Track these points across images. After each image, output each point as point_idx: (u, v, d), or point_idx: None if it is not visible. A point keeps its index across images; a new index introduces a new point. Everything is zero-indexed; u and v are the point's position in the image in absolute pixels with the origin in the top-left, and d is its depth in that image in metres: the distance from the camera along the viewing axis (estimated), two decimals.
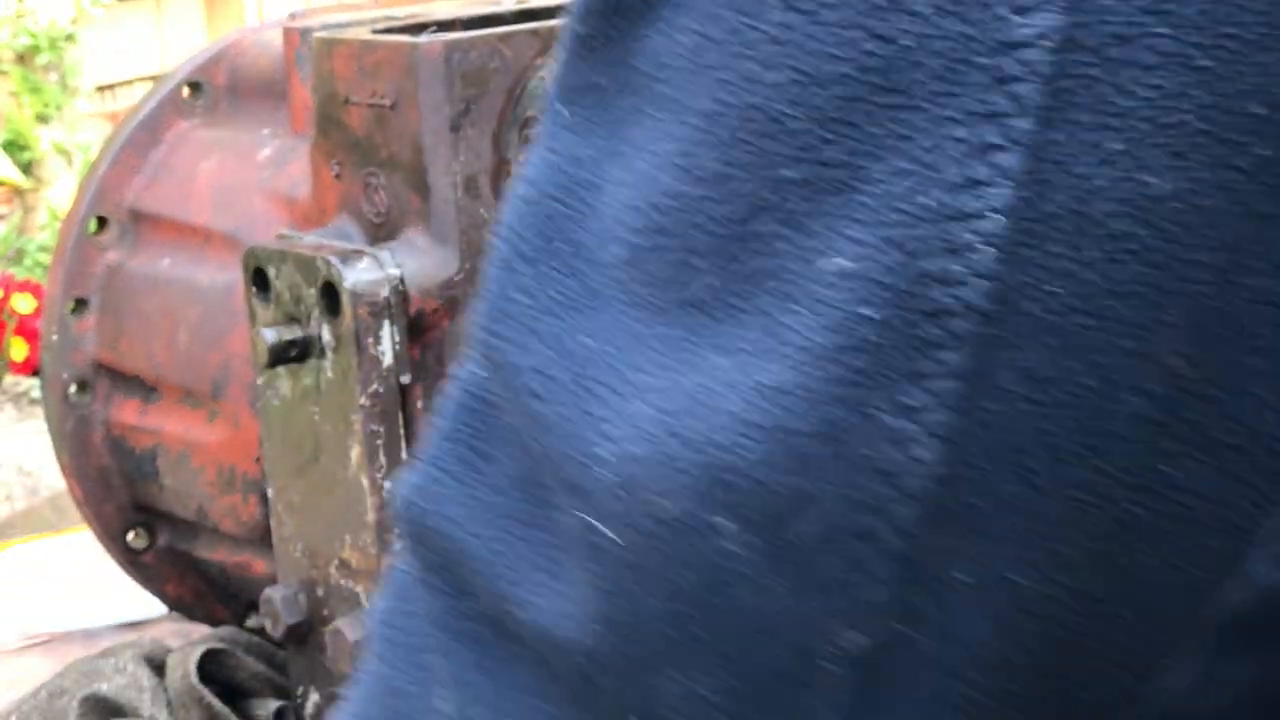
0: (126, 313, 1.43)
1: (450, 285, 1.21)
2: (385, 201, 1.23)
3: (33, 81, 4.52)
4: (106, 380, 1.45)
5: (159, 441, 1.42)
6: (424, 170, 1.20)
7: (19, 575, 1.79)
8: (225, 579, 1.46)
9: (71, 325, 1.46)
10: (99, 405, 1.46)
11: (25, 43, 4.53)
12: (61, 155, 4.49)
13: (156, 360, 1.41)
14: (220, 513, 1.38)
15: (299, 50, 1.35)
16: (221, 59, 1.46)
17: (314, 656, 1.27)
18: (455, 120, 1.19)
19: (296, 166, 1.35)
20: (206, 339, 1.37)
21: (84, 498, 1.47)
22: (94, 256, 1.46)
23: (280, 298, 1.22)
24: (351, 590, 1.22)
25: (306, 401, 1.22)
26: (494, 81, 1.20)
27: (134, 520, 1.48)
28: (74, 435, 1.46)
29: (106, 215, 1.46)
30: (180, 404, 1.40)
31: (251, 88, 1.44)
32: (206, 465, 1.38)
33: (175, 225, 1.43)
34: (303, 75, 1.35)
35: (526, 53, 1.21)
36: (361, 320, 1.18)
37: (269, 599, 1.27)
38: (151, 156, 1.46)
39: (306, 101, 1.33)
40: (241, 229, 1.37)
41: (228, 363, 1.35)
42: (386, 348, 1.19)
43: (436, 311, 1.21)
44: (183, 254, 1.42)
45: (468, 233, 1.21)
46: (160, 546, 1.48)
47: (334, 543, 1.23)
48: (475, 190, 1.21)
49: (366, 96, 1.22)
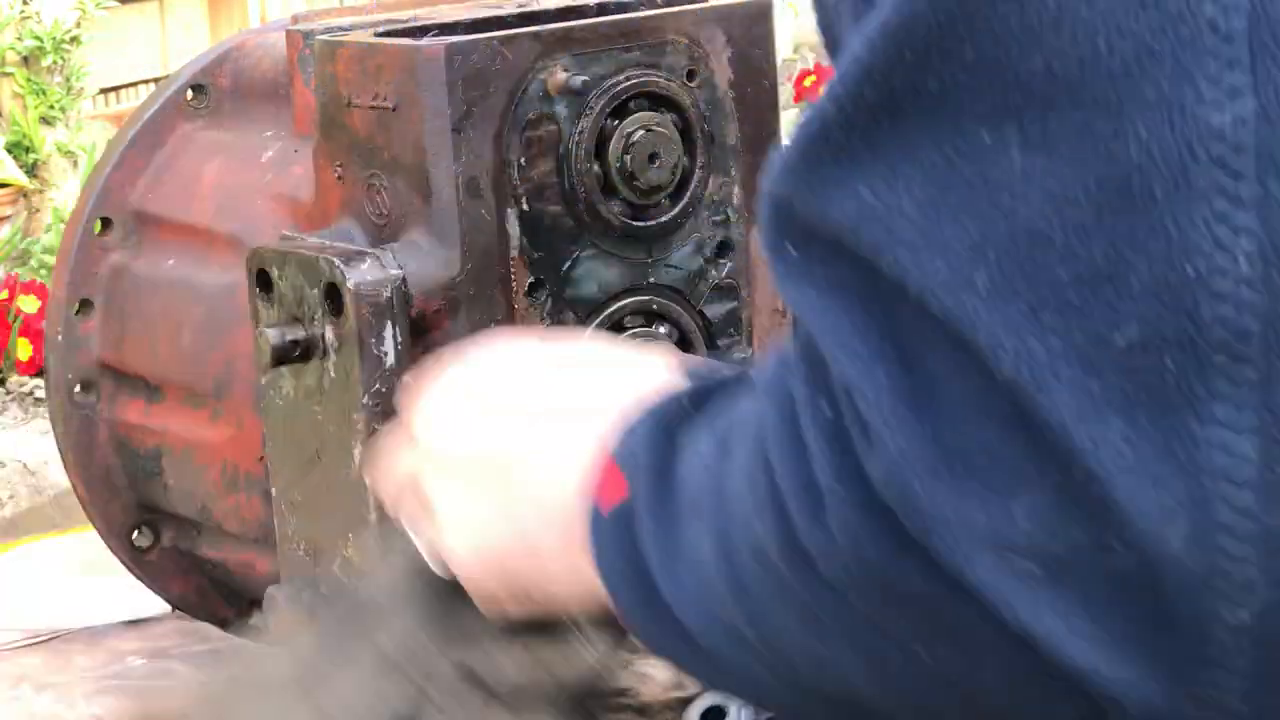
0: (130, 313, 1.44)
1: (452, 286, 1.22)
2: (387, 203, 1.24)
3: (37, 83, 4.53)
4: (110, 380, 1.46)
5: (163, 441, 1.43)
6: (426, 172, 1.21)
7: (23, 573, 1.79)
8: (228, 577, 1.47)
9: (76, 326, 1.46)
10: (103, 405, 1.46)
11: (30, 45, 4.54)
12: (66, 157, 4.49)
13: (160, 360, 1.41)
14: (224, 512, 1.39)
15: (302, 53, 1.36)
16: (225, 62, 1.47)
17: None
18: (457, 122, 1.20)
19: (299, 168, 1.36)
20: (210, 339, 1.38)
21: (88, 497, 1.48)
22: (98, 258, 1.46)
23: (283, 298, 1.23)
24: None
25: (309, 401, 1.23)
26: (495, 84, 1.21)
27: (138, 519, 1.48)
28: (78, 435, 1.46)
29: (111, 217, 1.47)
30: (184, 404, 1.40)
31: (254, 90, 1.45)
32: (210, 465, 1.39)
33: (179, 226, 1.43)
34: (305, 78, 1.36)
35: (528, 55, 1.22)
36: (364, 320, 1.18)
37: (272, 597, 1.28)
38: (155, 158, 1.47)
39: (309, 104, 1.34)
40: (245, 230, 1.38)
41: (231, 363, 1.36)
42: (389, 348, 1.19)
43: (438, 312, 1.22)
44: (186, 255, 1.42)
45: (469, 234, 1.22)
46: (164, 545, 1.49)
47: (336, 541, 1.23)
48: (477, 191, 1.21)
49: (369, 99, 1.23)
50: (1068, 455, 0.63)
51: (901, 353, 0.66)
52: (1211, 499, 0.62)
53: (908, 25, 0.64)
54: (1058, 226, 0.63)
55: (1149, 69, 0.61)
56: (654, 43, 1.26)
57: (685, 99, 1.27)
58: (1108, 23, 0.61)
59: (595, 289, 1.26)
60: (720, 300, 1.31)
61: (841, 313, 0.67)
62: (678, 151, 1.27)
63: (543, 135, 1.23)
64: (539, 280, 1.24)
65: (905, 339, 0.66)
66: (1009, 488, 0.64)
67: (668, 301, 1.29)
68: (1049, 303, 0.63)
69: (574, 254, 1.25)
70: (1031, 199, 0.63)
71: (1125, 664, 0.64)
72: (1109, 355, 0.62)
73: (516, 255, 1.23)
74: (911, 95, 0.64)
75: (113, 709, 1.51)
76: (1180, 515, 0.62)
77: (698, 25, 1.27)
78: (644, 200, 1.26)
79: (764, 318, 1.34)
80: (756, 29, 1.30)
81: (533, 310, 1.24)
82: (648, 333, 1.29)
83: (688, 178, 1.28)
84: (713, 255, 1.31)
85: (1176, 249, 0.61)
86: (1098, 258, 0.62)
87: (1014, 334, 0.63)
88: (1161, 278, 0.61)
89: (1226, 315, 0.61)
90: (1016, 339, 0.63)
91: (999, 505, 0.64)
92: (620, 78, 1.24)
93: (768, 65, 1.31)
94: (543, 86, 1.22)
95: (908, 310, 0.66)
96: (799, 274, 0.69)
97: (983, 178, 0.64)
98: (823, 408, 0.69)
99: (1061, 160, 0.62)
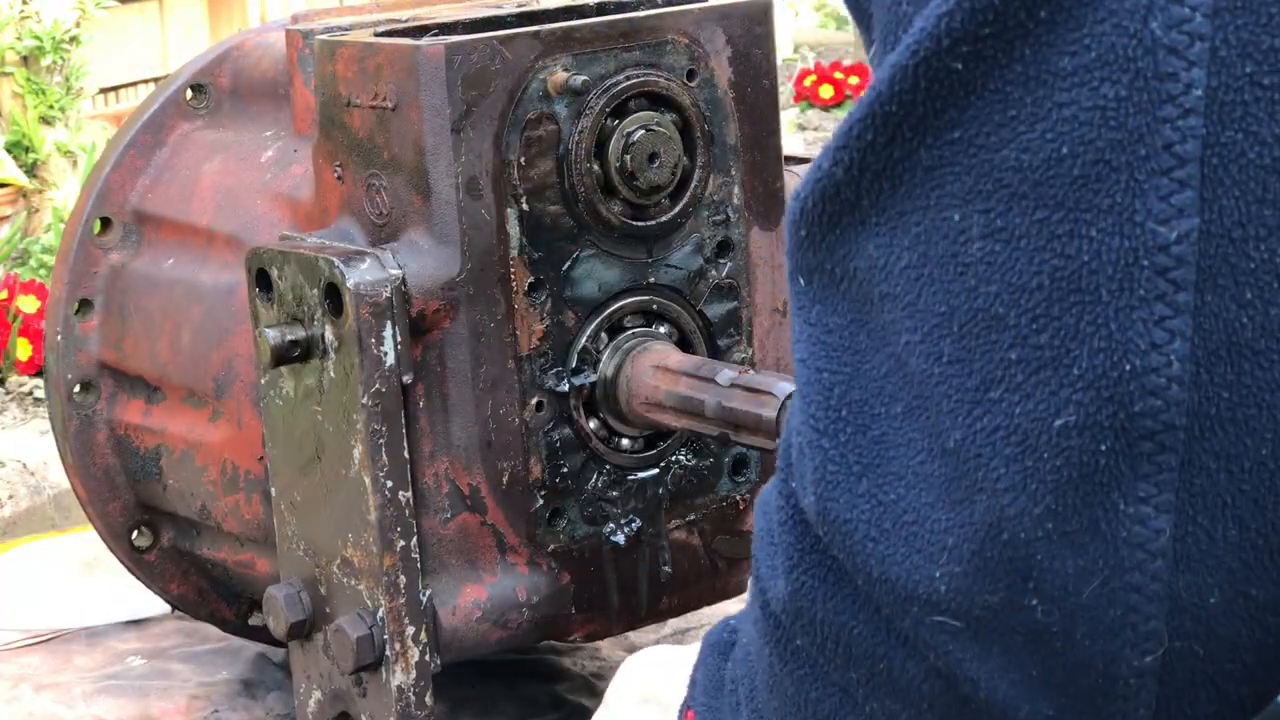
0: (130, 313, 1.44)
1: (452, 286, 1.22)
2: (387, 202, 1.23)
3: (37, 83, 4.52)
4: (110, 380, 1.46)
5: (162, 441, 1.42)
6: (425, 171, 1.21)
7: (23, 573, 1.79)
8: (228, 577, 1.47)
9: (75, 326, 1.46)
10: (103, 405, 1.46)
11: (29, 44, 4.53)
12: (65, 157, 4.49)
13: (160, 360, 1.41)
14: (223, 512, 1.39)
15: (301, 52, 1.36)
16: (224, 61, 1.47)
17: (315, 654, 1.27)
18: (456, 122, 1.20)
19: (299, 168, 1.36)
20: (209, 339, 1.37)
21: (88, 497, 1.48)
22: (98, 257, 1.46)
23: (283, 298, 1.23)
24: (353, 588, 1.23)
25: (309, 401, 1.23)
26: (495, 83, 1.21)
27: (137, 519, 1.48)
28: (78, 435, 1.46)
29: (110, 216, 1.47)
30: (183, 404, 1.40)
31: (254, 90, 1.45)
32: (209, 465, 1.39)
33: (178, 226, 1.43)
34: (305, 77, 1.36)
35: (527, 55, 1.22)
36: (364, 320, 1.18)
37: (271, 597, 1.28)
38: (155, 158, 1.47)
39: (309, 103, 1.34)
40: (244, 230, 1.38)
41: (231, 363, 1.36)
42: (389, 348, 1.19)
43: (438, 312, 1.22)
44: (186, 255, 1.42)
45: (469, 233, 1.22)
46: (163, 545, 1.49)
47: (336, 541, 1.23)
48: (476, 191, 1.21)
49: (368, 99, 1.23)
50: (997, 525, 0.70)
51: (858, 412, 0.73)
52: (1126, 564, 0.69)
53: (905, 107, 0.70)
54: (1013, 311, 0.69)
55: (1105, 179, 0.67)
56: (654, 42, 1.26)
57: (685, 99, 1.27)
58: (1074, 130, 0.67)
59: (595, 289, 1.26)
60: (720, 300, 1.31)
61: (822, 359, 0.75)
62: (678, 151, 1.26)
63: (543, 135, 1.23)
64: (539, 280, 1.24)
65: (866, 401, 0.73)
66: (933, 553, 0.71)
67: (668, 301, 1.29)
68: (999, 380, 0.69)
69: (574, 254, 1.25)
70: (992, 282, 0.69)
71: (1044, 701, 0.72)
72: (1046, 436, 0.69)
73: (516, 255, 1.23)
74: (908, 166, 0.70)
75: (112, 709, 1.51)
76: (1096, 576, 0.69)
77: (698, 25, 1.27)
78: (644, 200, 1.26)
79: (764, 318, 1.34)
80: (756, 29, 1.30)
81: (532, 310, 1.24)
82: (648, 333, 1.29)
83: (688, 177, 1.28)
84: (713, 255, 1.31)
85: (1116, 345, 0.67)
86: (1044, 344, 0.68)
87: (964, 407, 0.70)
88: (1100, 369, 0.68)
89: (1156, 408, 0.67)
90: (965, 412, 0.70)
91: (925, 568, 0.71)
92: (620, 77, 1.24)
93: (768, 65, 1.31)
94: (543, 86, 1.22)
95: (878, 366, 0.73)
96: (800, 306, 0.76)
97: (952, 255, 0.70)
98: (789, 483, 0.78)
99: (1020, 251, 0.68)
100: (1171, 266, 0.67)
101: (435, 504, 1.24)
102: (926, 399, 0.71)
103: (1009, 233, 0.68)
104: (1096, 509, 0.69)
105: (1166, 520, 0.69)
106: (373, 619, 1.22)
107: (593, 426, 1.28)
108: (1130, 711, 0.72)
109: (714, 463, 1.33)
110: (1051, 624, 0.71)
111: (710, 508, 1.34)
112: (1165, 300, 0.67)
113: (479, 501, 1.25)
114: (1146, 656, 0.71)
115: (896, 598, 0.73)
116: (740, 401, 1.20)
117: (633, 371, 1.27)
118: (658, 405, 1.25)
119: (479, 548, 1.26)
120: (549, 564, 1.28)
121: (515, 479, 1.26)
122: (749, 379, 1.21)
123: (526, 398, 1.25)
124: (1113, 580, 0.69)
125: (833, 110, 5.93)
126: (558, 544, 1.28)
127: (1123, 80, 0.66)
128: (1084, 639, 0.71)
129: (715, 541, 1.34)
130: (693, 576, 1.34)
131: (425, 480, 1.23)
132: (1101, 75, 0.66)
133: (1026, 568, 0.70)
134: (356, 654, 1.21)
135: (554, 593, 1.28)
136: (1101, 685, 0.72)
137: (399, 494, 1.21)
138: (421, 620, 1.22)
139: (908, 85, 0.69)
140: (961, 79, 0.68)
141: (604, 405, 1.28)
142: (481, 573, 1.26)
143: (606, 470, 1.29)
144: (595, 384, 1.27)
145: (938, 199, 0.70)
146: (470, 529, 1.25)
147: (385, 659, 1.22)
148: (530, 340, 1.25)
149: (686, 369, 1.24)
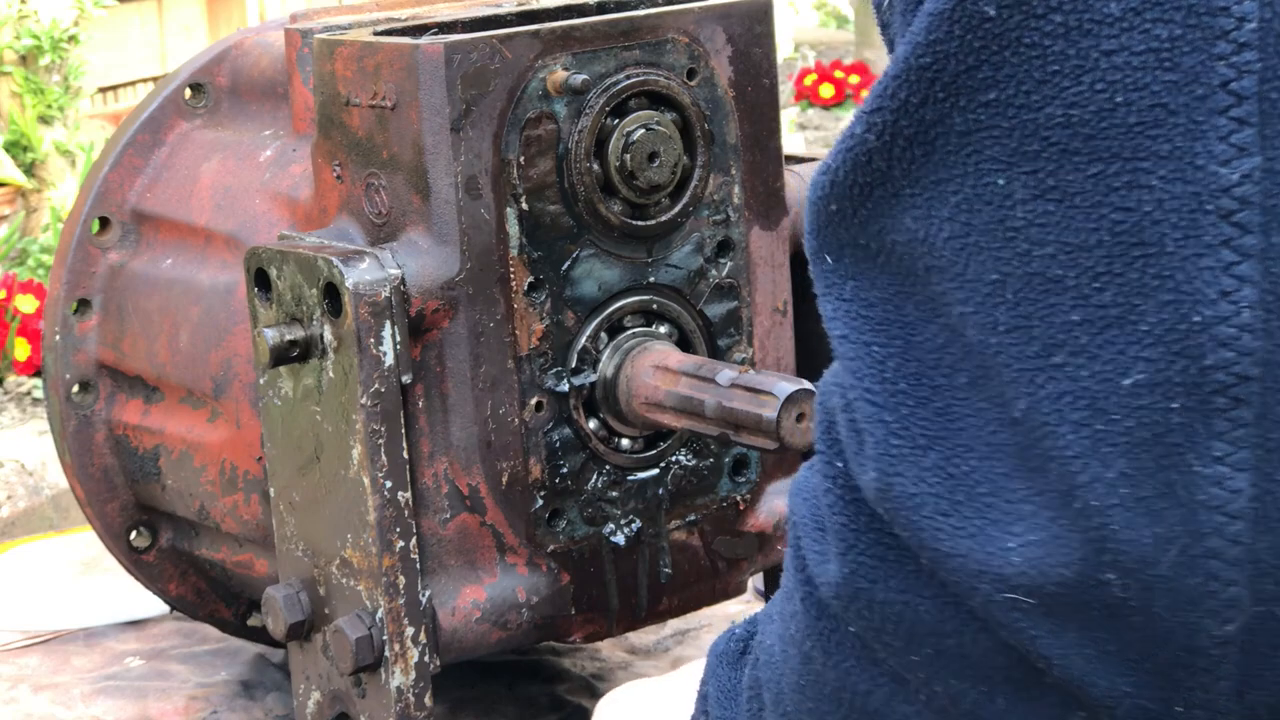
0: (128, 313, 1.44)
1: (451, 285, 1.22)
2: (386, 202, 1.23)
3: (35, 82, 4.52)
4: (109, 380, 1.46)
5: (161, 441, 1.42)
6: (425, 171, 1.20)
7: (21, 574, 1.79)
8: (227, 578, 1.46)
9: (74, 326, 1.46)
10: (101, 405, 1.46)
11: (28, 44, 4.53)
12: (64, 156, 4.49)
13: (158, 360, 1.41)
14: (222, 512, 1.39)
15: (300, 51, 1.36)
16: (223, 60, 1.47)
17: (314, 655, 1.27)
18: (456, 121, 1.20)
19: (298, 167, 1.36)
20: (208, 339, 1.37)
21: (86, 497, 1.47)
22: (96, 257, 1.46)
23: (282, 298, 1.23)
24: (352, 589, 1.22)
25: (308, 401, 1.23)
26: (494, 82, 1.21)
27: (136, 520, 1.48)
28: (76, 435, 1.46)
29: (109, 216, 1.46)
30: (182, 404, 1.40)
31: (253, 89, 1.45)
32: (208, 465, 1.38)
33: (177, 226, 1.43)
34: (304, 76, 1.35)
35: (527, 54, 1.22)
36: (363, 320, 1.18)
37: (270, 598, 1.27)
38: (153, 157, 1.47)
39: (308, 102, 1.34)
40: (243, 229, 1.37)
41: (229, 363, 1.36)
42: (388, 348, 1.19)
43: (437, 311, 1.22)
44: (184, 254, 1.42)
45: (468, 233, 1.21)
46: (162, 546, 1.48)
47: (335, 542, 1.23)
48: (476, 190, 1.21)
49: (368, 98, 1.23)
50: (1068, 494, 0.68)
51: (917, 384, 0.71)
52: (1204, 528, 0.67)
53: (940, 60, 0.68)
54: (1071, 272, 0.67)
55: (1163, 124, 0.65)
56: (654, 41, 1.25)
57: (685, 98, 1.26)
58: (1126, 77, 0.65)
59: (595, 289, 1.26)
60: (720, 300, 1.31)
61: (868, 333, 0.72)
62: (678, 150, 1.26)
63: (542, 134, 1.22)
64: (538, 280, 1.24)
65: (924, 373, 0.71)
66: (1008, 524, 0.69)
67: (668, 301, 1.29)
68: (1062, 345, 0.67)
69: (574, 253, 1.25)
70: (1046, 244, 0.67)
71: (1121, 677, 0.70)
72: (1116, 397, 0.66)
73: (516, 255, 1.23)
74: (942, 131, 0.69)
75: (110, 710, 1.51)
76: (1174, 544, 0.67)
77: (698, 24, 1.27)
78: (644, 199, 1.26)
79: (764, 318, 1.34)
80: (756, 28, 1.30)
81: (532, 310, 1.24)
82: (648, 332, 1.28)
83: (688, 177, 1.28)
84: (713, 255, 1.30)
85: (1184, 296, 0.65)
86: (1108, 303, 0.66)
87: (1026, 375, 0.68)
88: (1168, 324, 0.66)
89: (1229, 360, 0.65)
90: (1028, 380, 0.68)
91: (998, 540, 0.69)
92: (620, 76, 1.24)
93: (768, 64, 1.31)
94: (542, 85, 1.22)
95: (933, 338, 0.71)
96: (830, 284, 0.74)
97: (999, 221, 0.68)
98: (835, 463, 0.75)
99: (1075, 209, 0.66)
100: (1236, 209, 0.65)
101: (434, 504, 1.24)
102: (988, 369, 0.69)
103: (1061, 191, 0.66)
104: (1171, 471, 0.67)
105: (1245, 479, 0.66)
106: (372, 620, 1.21)
107: (592, 427, 1.28)
108: (1212, 684, 0.70)
109: (714, 463, 1.33)
110: (1130, 597, 0.68)
111: (710, 508, 1.33)
112: (1231, 245, 0.65)
113: (478, 502, 1.25)
114: (1228, 625, 0.68)
115: (966, 573, 0.71)
116: (740, 402, 1.20)
117: (633, 371, 1.26)
118: (658, 405, 1.25)
119: (478, 548, 1.26)
120: (549, 564, 1.28)
121: (515, 479, 1.25)
122: (749, 379, 1.20)
123: (526, 398, 1.25)
124: (1191, 547, 0.67)
125: (833, 109, 5.93)
126: (557, 544, 1.28)
127: (1175, 19, 0.64)
128: (1163, 610, 0.68)
129: (715, 542, 1.34)
130: (693, 577, 1.33)
131: (424, 480, 1.23)
132: (1154, 16, 0.65)
133: (1100, 538, 0.68)
134: (355, 655, 1.21)
135: (554, 593, 1.28)
136: (1182, 658, 0.69)
137: (398, 494, 1.20)
138: (421, 621, 1.22)
139: (941, 34, 0.67)
140: (995, 29, 0.66)
141: (604, 405, 1.27)
142: (481, 573, 1.26)
143: (606, 470, 1.29)
144: (595, 384, 1.27)
145: (976, 165, 0.68)
146: (470, 529, 1.25)
147: (384, 660, 1.22)
148: (530, 340, 1.24)
149: (686, 369, 1.24)
